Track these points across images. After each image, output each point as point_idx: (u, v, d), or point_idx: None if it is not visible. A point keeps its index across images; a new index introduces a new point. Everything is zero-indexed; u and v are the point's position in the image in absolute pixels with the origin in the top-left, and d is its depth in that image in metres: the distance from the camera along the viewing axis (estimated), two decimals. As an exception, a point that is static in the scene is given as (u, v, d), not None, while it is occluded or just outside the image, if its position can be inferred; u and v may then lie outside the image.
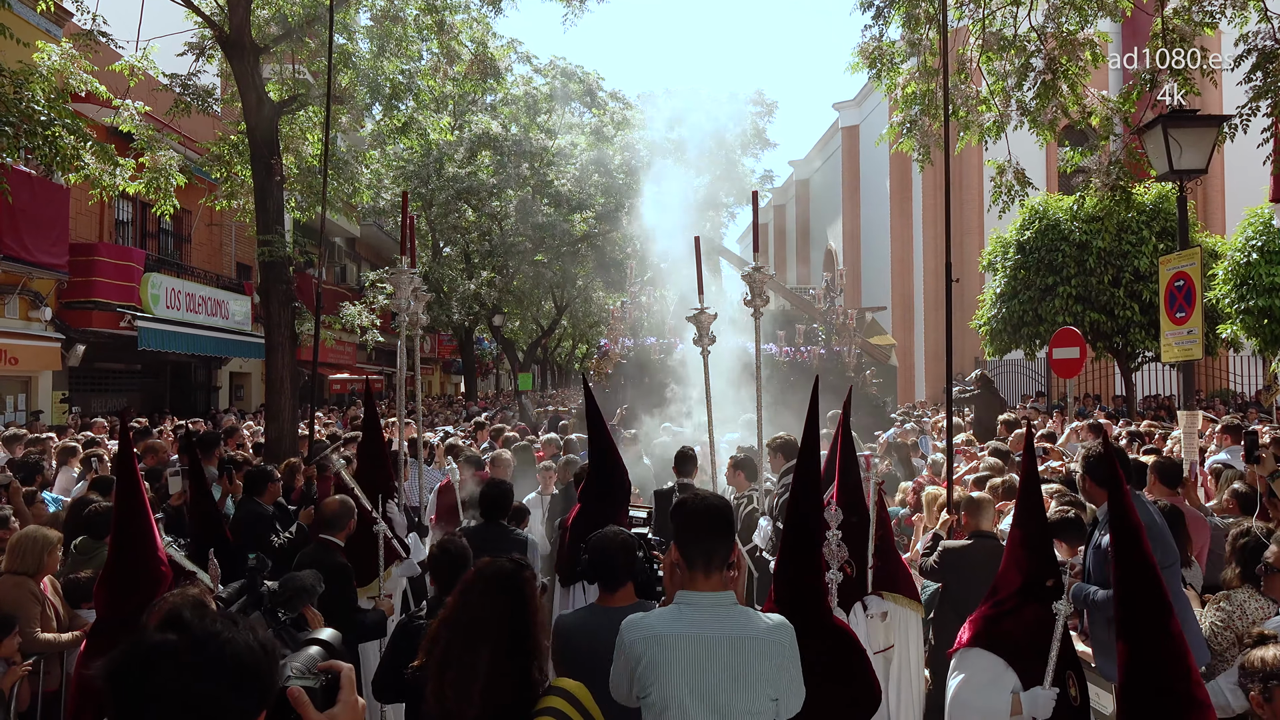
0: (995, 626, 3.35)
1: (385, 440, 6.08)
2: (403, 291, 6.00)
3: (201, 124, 14.88)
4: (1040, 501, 3.43)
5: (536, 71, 24.63)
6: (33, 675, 4.57)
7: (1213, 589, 4.50)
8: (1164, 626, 2.73)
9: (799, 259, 46.63)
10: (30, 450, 8.38)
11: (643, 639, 2.63)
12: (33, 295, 14.74)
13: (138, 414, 14.87)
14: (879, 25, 9.50)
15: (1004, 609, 3.37)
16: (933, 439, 11.88)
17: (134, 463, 3.62)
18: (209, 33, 10.04)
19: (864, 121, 33.95)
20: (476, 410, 20.67)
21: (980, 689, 3.27)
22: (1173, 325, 7.67)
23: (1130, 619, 2.80)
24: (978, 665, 3.32)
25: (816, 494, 3.44)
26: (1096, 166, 9.29)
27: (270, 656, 1.47)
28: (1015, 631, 3.27)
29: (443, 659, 2.38)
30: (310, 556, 4.54)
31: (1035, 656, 3.19)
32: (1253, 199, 16.05)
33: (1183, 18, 8.35)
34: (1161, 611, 2.74)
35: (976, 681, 3.30)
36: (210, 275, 20.39)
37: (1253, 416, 14.51)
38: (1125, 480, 2.93)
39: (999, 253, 17.62)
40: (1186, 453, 7.38)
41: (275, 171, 9.58)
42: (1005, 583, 3.40)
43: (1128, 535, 2.82)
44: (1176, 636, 2.72)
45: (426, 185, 22.48)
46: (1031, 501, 3.38)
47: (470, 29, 12.03)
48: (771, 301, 6.17)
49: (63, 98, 8.08)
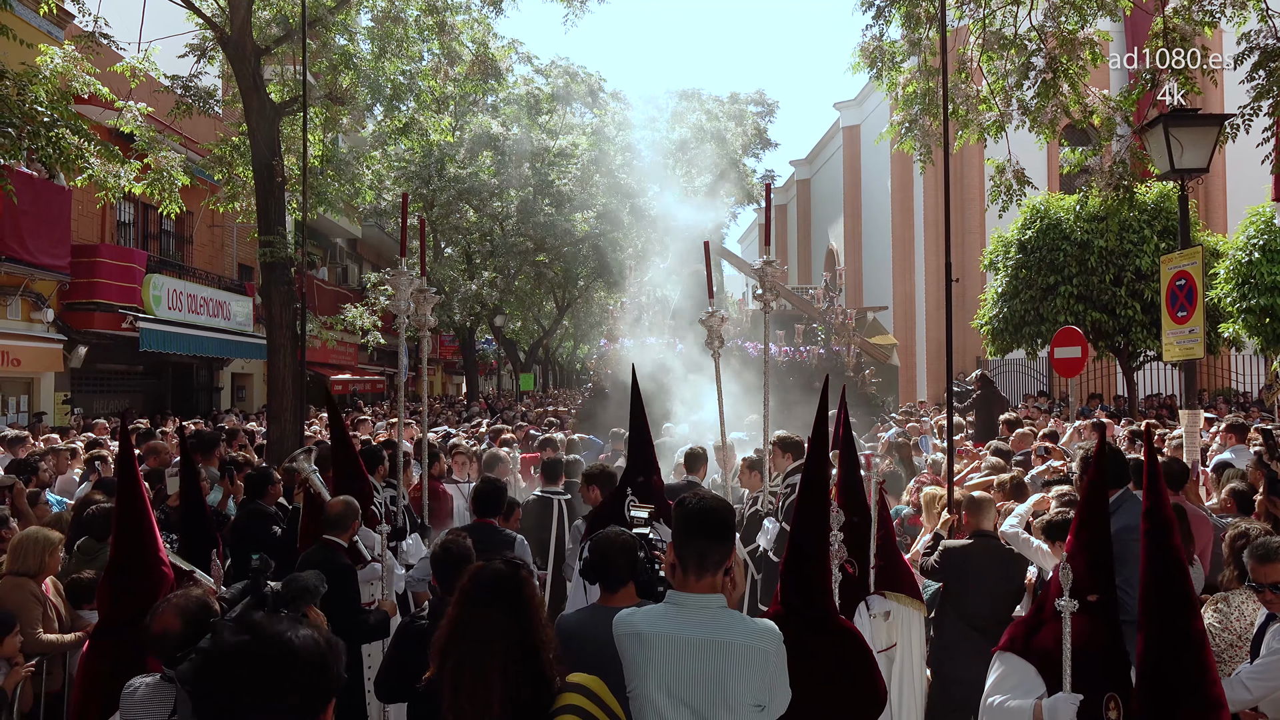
0: (1031, 633, 3.32)
1: (355, 450, 5.80)
2: (403, 293, 5.99)
3: (203, 125, 14.90)
4: (1104, 512, 3.21)
5: (538, 72, 24.64)
6: (35, 676, 4.58)
7: (1213, 589, 4.50)
8: (1187, 622, 2.72)
9: (800, 259, 46.60)
10: (34, 453, 8.39)
11: (624, 635, 2.64)
12: (35, 297, 14.75)
13: (140, 415, 14.88)
14: (879, 25, 9.51)
15: (1044, 615, 3.34)
16: (933, 438, 11.87)
17: (135, 464, 3.63)
18: (210, 34, 10.06)
19: (865, 121, 33.92)
20: (477, 410, 20.68)
21: (1008, 693, 3.25)
22: (1174, 324, 7.66)
23: (1154, 613, 2.77)
24: (1007, 668, 3.31)
25: (825, 494, 3.43)
26: (1098, 166, 9.30)
27: (333, 649, 1.64)
28: (1048, 641, 3.23)
29: (455, 671, 2.37)
30: (313, 557, 4.54)
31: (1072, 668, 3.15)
32: (1254, 198, 16.05)
33: (1183, 16, 8.35)
34: (1186, 607, 2.73)
35: (1005, 685, 3.28)
36: (212, 276, 20.40)
37: (1254, 415, 14.49)
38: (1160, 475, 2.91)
39: (1000, 252, 17.61)
40: (1188, 452, 7.37)
41: (276, 173, 9.59)
42: (1054, 590, 3.36)
43: (1160, 528, 2.79)
44: (1199, 634, 2.71)
45: (428, 186, 22.49)
46: (1093, 511, 3.19)
47: (471, 30, 12.03)
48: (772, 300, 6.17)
49: (65, 99, 8.10)
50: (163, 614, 2.74)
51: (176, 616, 2.73)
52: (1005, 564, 4.93)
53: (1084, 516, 3.19)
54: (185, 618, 2.73)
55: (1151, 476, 2.90)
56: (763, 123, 32.13)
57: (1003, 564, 4.92)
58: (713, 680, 2.49)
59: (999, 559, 4.92)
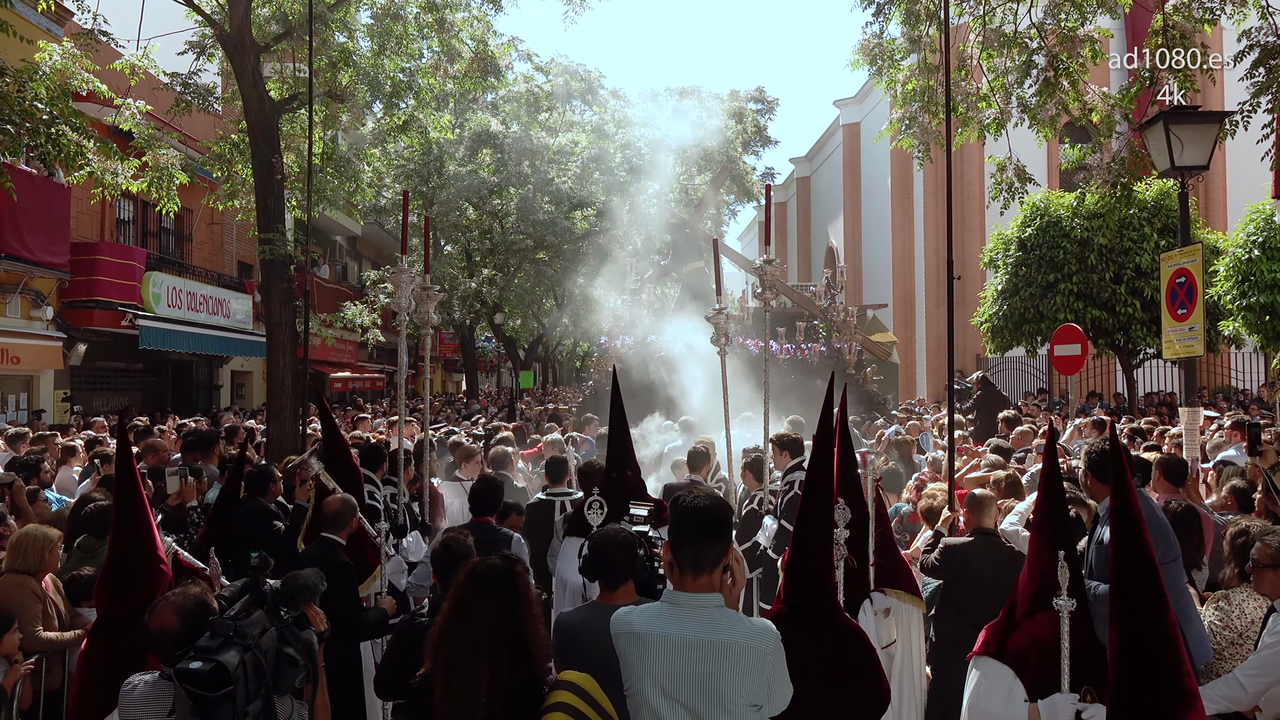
0: (1005, 636, 3.32)
1: (349, 449, 5.79)
2: (403, 291, 5.98)
3: (202, 123, 14.91)
4: (1062, 504, 3.30)
5: (538, 69, 24.61)
6: (34, 674, 4.58)
7: (1215, 587, 4.50)
8: (1159, 617, 2.70)
9: (800, 256, 46.59)
10: (33, 449, 8.39)
11: (621, 634, 2.62)
12: (34, 294, 14.75)
13: (139, 413, 14.88)
14: (879, 22, 9.52)
15: (1016, 616, 3.33)
16: (933, 436, 11.86)
17: (133, 462, 3.62)
18: (209, 31, 10.05)
19: (865, 118, 33.90)
20: (478, 408, 20.67)
21: (995, 698, 3.24)
22: (1174, 322, 7.66)
23: (1124, 607, 2.77)
24: (988, 674, 3.31)
25: (828, 492, 3.42)
26: (1098, 164, 9.30)
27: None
28: (1021, 642, 3.23)
29: (448, 664, 2.40)
30: (312, 555, 4.54)
31: (1044, 665, 3.12)
32: (1254, 195, 16.05)
33: (1183, 14, 8.34)
34: (1156, 602, 2.71)
35: (990, 691, 3.28)
36: (211, 274, 20.40)
37: (1254, 413, 14.50)
38: (1129, 471, 2.90)
39: (1000, 249, 17.60)
40: (1188, 449, 7.38)
41: (276, 170, 9.58)
42: (1024, 589, 3.36)
43: (1128, 525, 2.79)
44: (1170, 627, 2.70)
45: (427, 183, 22.47)
46: (1051, 504, 3.28)
47: (471, 27, 12.02)
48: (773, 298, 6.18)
49: (64, 96, 8.09)
50: (161, 612, 2.74)
51: (174, 614, 2.72)
52: (1005, 562, 4.92)
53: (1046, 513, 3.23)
54: (183, 615, 2.72)
55: (1118, 473, 2.89)
56: (762, 120, 32.09)
57: (1003, 562, 4.92)
58: (709, 680, 2.48)
59: (999, 557, 4.92)
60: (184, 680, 2.47)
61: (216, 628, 2.60)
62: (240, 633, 2.61)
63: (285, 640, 2.81)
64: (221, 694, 2.47)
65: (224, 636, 2.58)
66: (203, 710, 2.47)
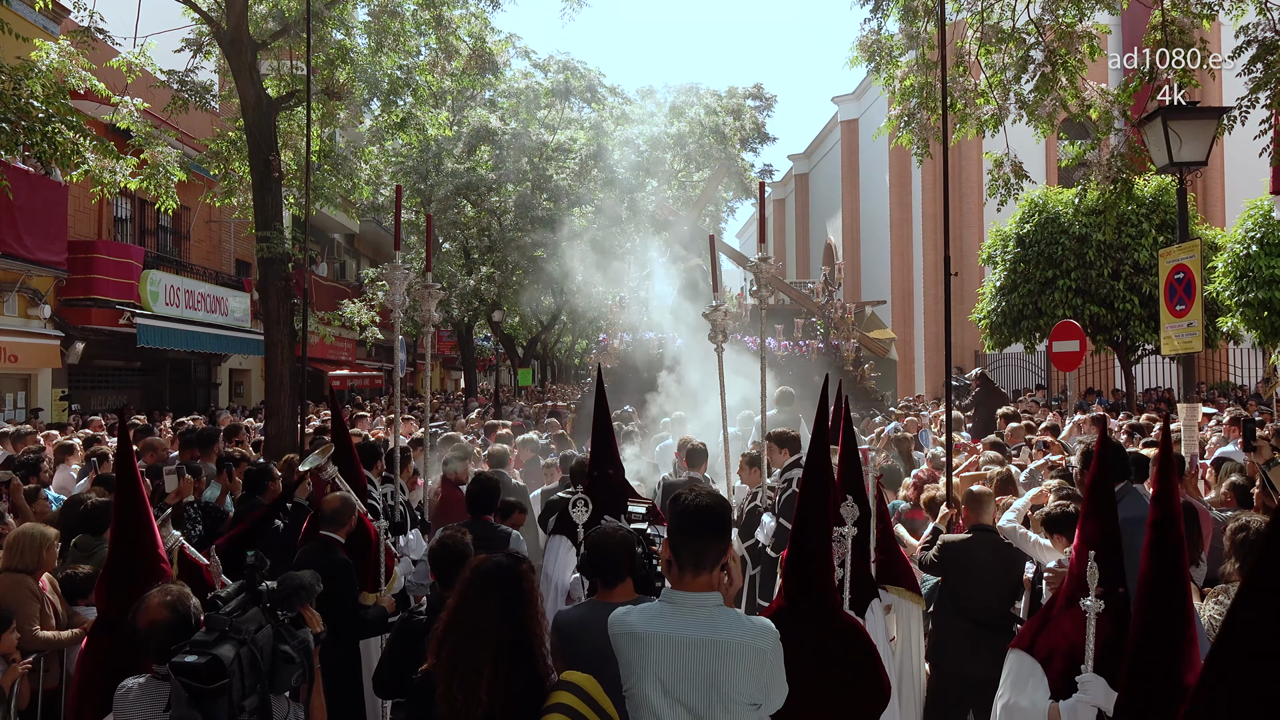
0: (1038, 630, 3.33)
1: (353, 448, 5.71)
2: (397, 288, 5.97)
3: (199, 120, 14.87)
4: (1112, 508, 3.19)
5: (536, 66, 24.57)
6: (32, 673, 4.57)
7: (1214, 583, 4.50)
8: (1182, 617, 2.71)
9: (798, 253, 46.59)
10: (29, 449, 8.37)
11: (619, 634, 2.61)
12: (32, 293, 14.73)
13: (137, 411, 14.87)
14: (877, 18, 9.50)
15: (1051, 612, 3.34)
16: (931, 432, 11.87)
17: (133, 460, 3.62)
18: (206, 29, 10.02)
19: (863, 115, 33.88)
20: (476, 406, 20.66)
21: (1022, 691, 3.25)
22: (1173, 318, 7.66)
23: (1150, 606, 2.76)
24: (1017, 666, 3.32)
25: (827, 489, 3.42)
26: (1096, 160, 9.29)
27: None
28: (1051, 638, 3.23)
29: (450, 661, 2.40)
30: (310, 553, 4.53)
31: (1068, 664, 3.12)
32: (1252, 191, 16.04)
33: (1181, 10, 8.34)
34: (1182, 602, 2.72)
35: (1018, 683, 3.29)
36: (209, 272, 20.38)
37: (1252, 409, 14.51)
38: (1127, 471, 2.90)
39: (998, 246, 17.60)
40: (1186, 445, 7.38)
41: (273, 168, 9.57)
42: (1064, 585, 3.35)
43: (1169, 518, 2.77)
44: (1191, 624, 2.71)
45: (425, 181, 22.43)
46: (1098, 505, 3.17)
47: (468, 24, 12.00)
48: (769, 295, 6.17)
49: (61, 94, 8.07)
50: (147, 609, 2.74)
51: (161, 609, 2.74)
52: (1003, 558, 4.93)
53: (1090, 511, 3.18)
54: (170, 609, 2.74)
55: (1164, 466, 2.87)
56: (760, 117, 32.01)
57: (1001, 558, 4.92)
58: (708, 679, 2.47)
59: (997, 553, 4.92)
60: (179, 673, 2.46)
61: (212, 622, 2.60)
62: (236, 627, 2.61)
63: (281, 638, 2.81)
64: (217, 686, 2.46)
65: (219, 631, 2.58)
66: (199, 703, 2.47)
